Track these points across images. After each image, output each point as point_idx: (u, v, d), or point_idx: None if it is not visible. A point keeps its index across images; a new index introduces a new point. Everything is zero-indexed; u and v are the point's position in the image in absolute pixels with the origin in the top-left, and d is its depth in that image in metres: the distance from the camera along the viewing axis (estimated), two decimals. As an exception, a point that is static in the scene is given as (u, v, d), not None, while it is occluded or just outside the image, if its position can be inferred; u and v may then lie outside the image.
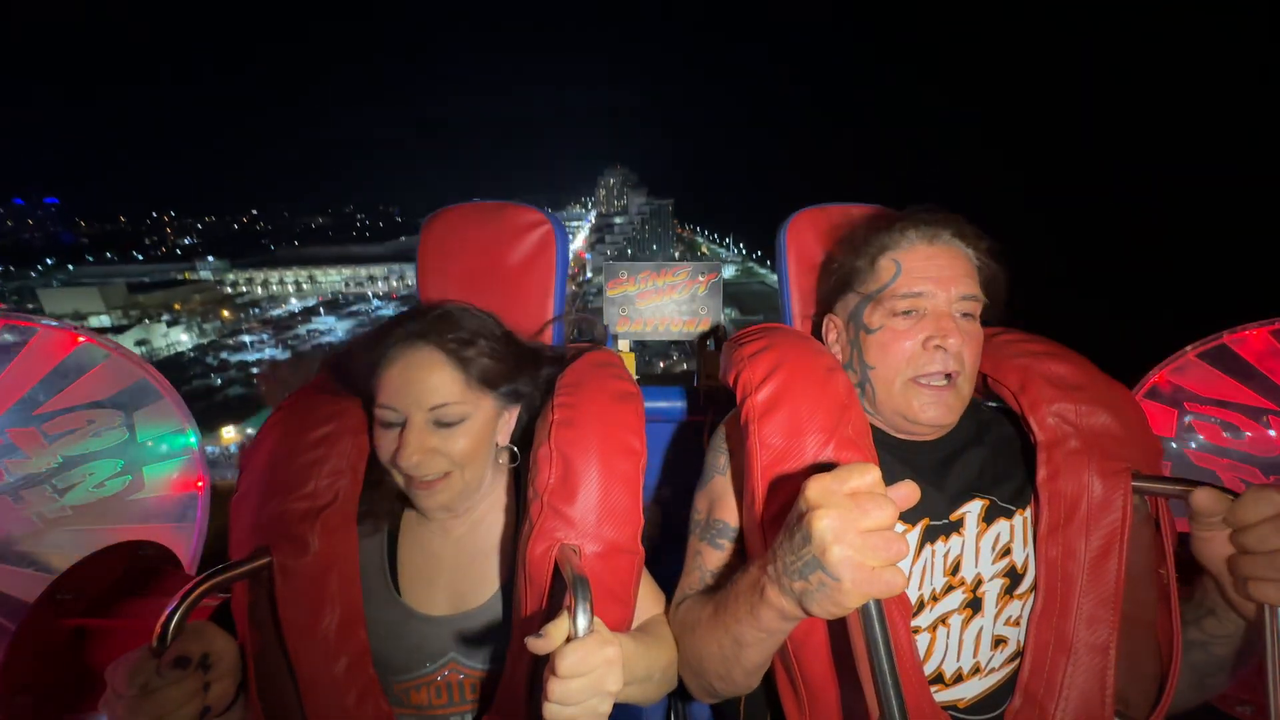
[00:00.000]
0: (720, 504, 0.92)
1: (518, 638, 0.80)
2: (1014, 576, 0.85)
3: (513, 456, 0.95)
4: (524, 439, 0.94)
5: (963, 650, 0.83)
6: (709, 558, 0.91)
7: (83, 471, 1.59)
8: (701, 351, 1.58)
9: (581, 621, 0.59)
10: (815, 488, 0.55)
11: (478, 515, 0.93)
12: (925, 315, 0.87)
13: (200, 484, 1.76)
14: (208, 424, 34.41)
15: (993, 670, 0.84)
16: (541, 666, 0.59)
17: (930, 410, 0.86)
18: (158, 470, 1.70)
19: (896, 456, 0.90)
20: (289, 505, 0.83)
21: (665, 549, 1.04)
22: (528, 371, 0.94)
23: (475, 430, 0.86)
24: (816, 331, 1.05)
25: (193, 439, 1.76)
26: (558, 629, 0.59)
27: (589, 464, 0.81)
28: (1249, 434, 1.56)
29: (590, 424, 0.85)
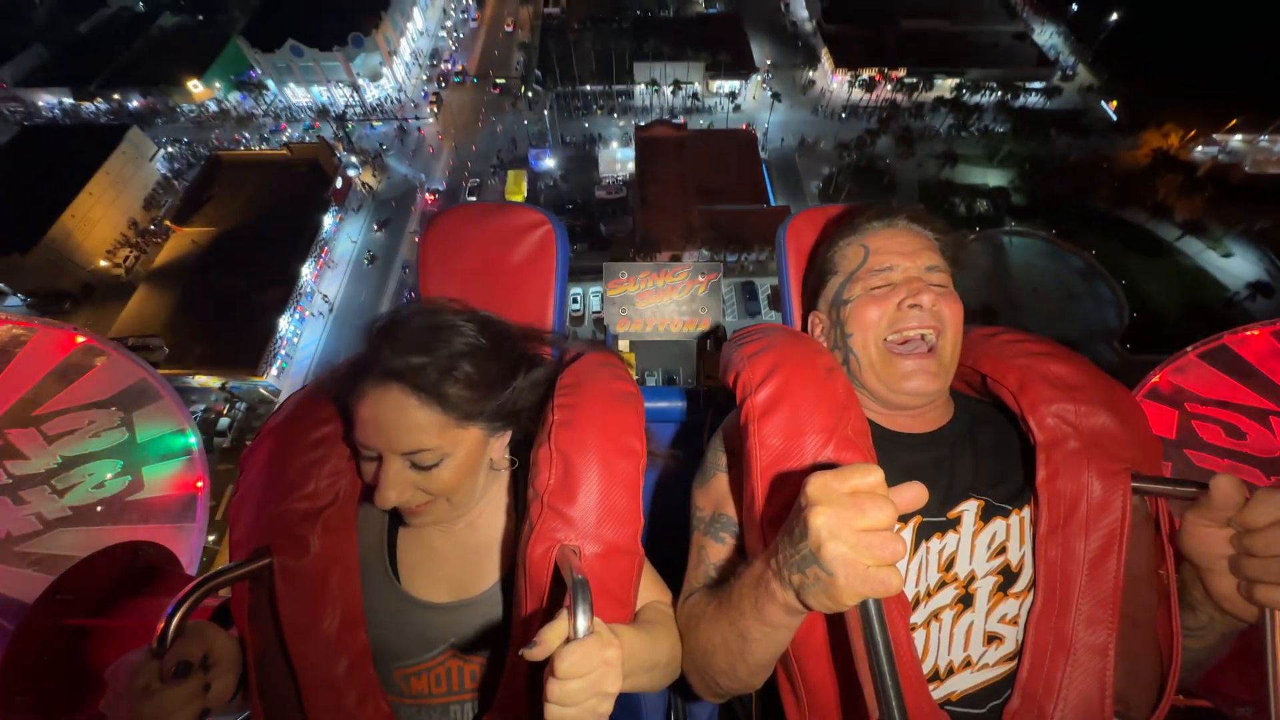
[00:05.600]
0: (724, 500, 0.93)
1: (518, 638, 0.80)
2: (1008, 575, 0.85)
3: (511, 462, 0.94)
4: (524, 441, 0.93)
5: (953, 645, 0.83)
6: (714, 552, 0.91)
7: (82, 472, 1.59)
8: (701, 351, 1.58)
9: (581, 623, 0.59)
10: (816, 484, 0.55)
11: (476, 513, 0.93)
12: (898, 285, 0.91)
13: (200, 484, 1.76)
14: (170, 77, 27.02)
15: (985, 665, 0.83)
16: (542, 666, 0.59)
17: (914, 380, 0.87)
18: (157, 470, 1.71)
19: (891, 450, 0.90)
20: (289, 506, 0.83)
21: (665, 549, 1.04)
22: (517, 382, 0.87)
23: (457, 465, 0.82)
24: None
25: (192, 439, 1.76)
26: (553, 633, 0.59)
27: (589, 465, 0.81)
28: (1250, 435, 1.56)
29: (590, 425, 0.85)
